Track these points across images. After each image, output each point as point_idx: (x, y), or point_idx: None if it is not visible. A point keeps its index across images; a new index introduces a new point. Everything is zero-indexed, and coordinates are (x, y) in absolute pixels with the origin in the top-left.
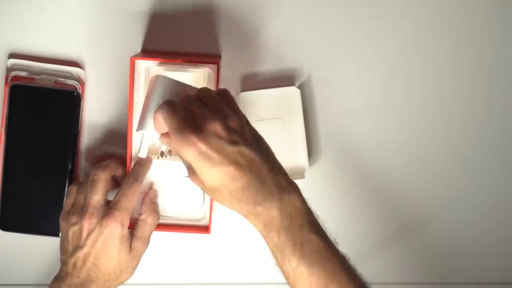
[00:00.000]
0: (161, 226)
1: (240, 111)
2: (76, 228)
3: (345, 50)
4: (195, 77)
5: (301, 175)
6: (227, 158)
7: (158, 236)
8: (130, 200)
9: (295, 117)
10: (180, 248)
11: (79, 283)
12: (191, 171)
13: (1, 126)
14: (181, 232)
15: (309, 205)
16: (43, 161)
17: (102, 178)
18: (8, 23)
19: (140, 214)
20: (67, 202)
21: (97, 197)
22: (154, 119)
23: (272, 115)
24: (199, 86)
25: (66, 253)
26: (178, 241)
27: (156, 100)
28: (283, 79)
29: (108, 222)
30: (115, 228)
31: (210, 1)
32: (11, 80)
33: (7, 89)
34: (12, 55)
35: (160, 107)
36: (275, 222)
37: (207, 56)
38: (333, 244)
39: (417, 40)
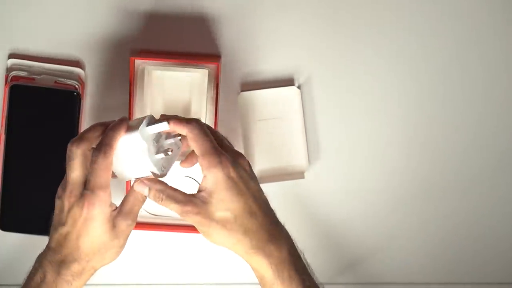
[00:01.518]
0: (161, 226)
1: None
2: (59, 202)
3: (345, 50)
4: (195, 77)
5: (301, 175)
6: (249, 191)
7: (158, 236)
8: (100, 177)
9: (295, 117)
10: (180, 248)
11: (60, 260)
12: (193, 204)
13: (1, 126)
14: (181, 232)
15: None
16: (43, 161)
17: (78, 154)
18: (8, 23)
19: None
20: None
21: (74, 174)
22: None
23: (272, 115)
24: (199, 86)
25: (52, 226)
26: (178, 241)
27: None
28: (283, 79)
29: (84, 203)
30: (92, 210)
31: (210, 1)
32: (11, 80)
33: (7, 89)
34: (12, 55)
35: (193, 123)
36: (286, 263)
37: (207, 56)
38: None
39: (418, 40)
